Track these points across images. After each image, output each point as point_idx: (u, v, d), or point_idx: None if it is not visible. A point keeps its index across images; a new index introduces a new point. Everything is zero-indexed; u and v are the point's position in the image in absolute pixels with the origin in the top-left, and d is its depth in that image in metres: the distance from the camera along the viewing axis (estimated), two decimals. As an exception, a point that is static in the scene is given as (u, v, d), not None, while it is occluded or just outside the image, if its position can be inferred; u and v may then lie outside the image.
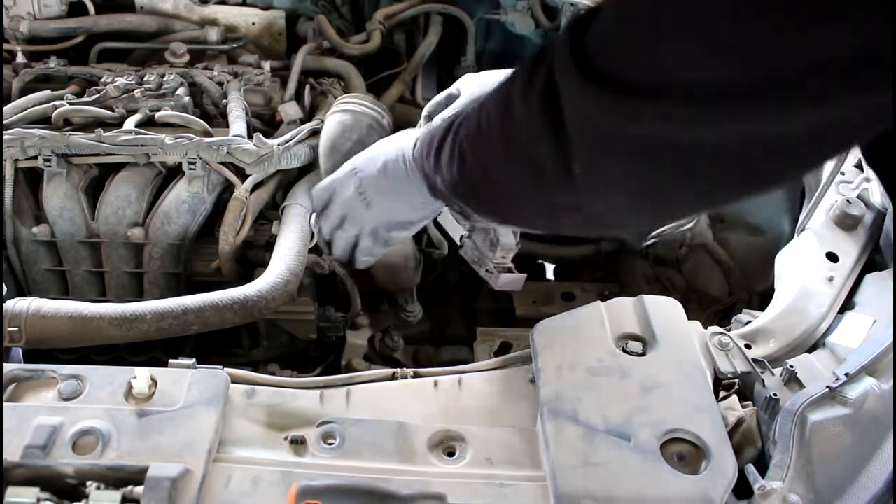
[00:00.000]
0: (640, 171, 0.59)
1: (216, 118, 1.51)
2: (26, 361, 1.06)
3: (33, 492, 0.81)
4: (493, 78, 1.05)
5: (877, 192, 1.31)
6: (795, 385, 1.01)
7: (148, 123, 1.39)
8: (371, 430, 0.92)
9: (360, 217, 1.03)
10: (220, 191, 1.38)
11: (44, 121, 1.39)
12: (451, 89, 1.09)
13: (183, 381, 0.94)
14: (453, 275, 1.72)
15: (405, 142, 0.97)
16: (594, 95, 0.56)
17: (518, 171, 0.71)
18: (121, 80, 1.46)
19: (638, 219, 0.71)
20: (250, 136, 1.35)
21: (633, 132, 0.55)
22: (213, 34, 1.72)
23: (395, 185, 0.97)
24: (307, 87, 1.58)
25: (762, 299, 1.32)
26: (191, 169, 1.32)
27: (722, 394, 1.02)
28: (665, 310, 1.05)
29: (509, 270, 1.12)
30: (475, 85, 1.07)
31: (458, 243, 1.16)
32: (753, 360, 1.03)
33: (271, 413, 0.96)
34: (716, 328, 1.08)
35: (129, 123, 1.35)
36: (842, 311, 1.14)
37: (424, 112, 1.15)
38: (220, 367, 0.99)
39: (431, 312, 1.59)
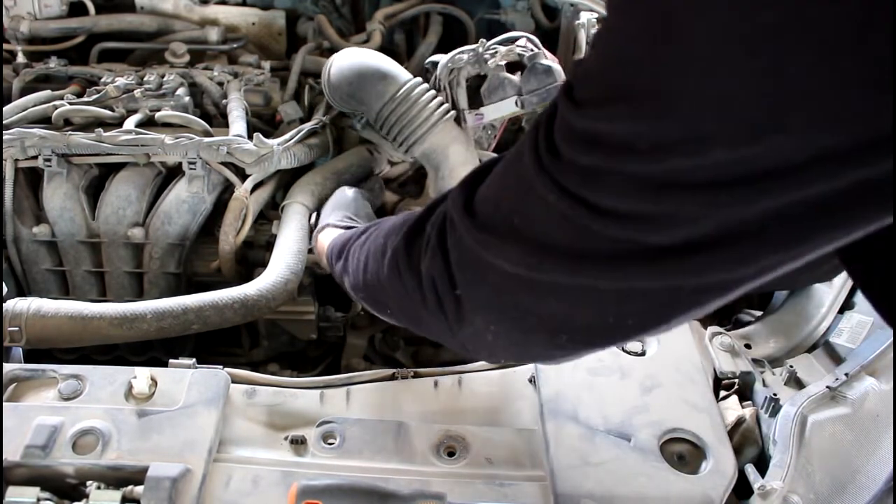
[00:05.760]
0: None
1: (216, 118, 1.51)
2: (27, 361, 1.06)
3: (34, 491, 0.81)
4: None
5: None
6: (795, 385, 1.01)
7: (148, 123, 1.40)
8: (371, 430, 0.92)
9: None
10: (220, 191, 1.38)
11: (44, 121, 1.39)
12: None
13: (183, 381, 0.94)
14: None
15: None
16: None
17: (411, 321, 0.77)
18: (121, 80, 1.47)
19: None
20: (250, 136, 1.35)
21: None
22: (213, 34, 1.72)
23: None
24: (307, 87, 1.59)
25: (762, 299, 1.32)
26: (191, 169, 1.32)
27: (722, 394, 1.02)
28: (665, 310, 1.05)
29: None
30: None
31: (518, 105, 1.34)
32: (753, 360, 1.04)
33: (271, 413, 0.96)
34: (716, 328, 1.08)
35: (129, 123, 1.36)
36: (842, 311, 1.14)
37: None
38: (221, 367, 0.99)
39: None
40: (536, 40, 1.40)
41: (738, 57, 0.40)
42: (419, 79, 1.41)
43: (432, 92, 1.39)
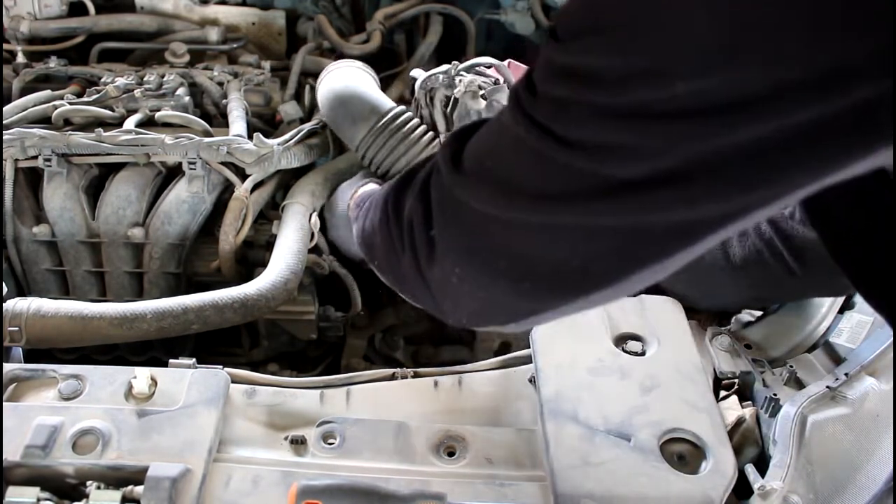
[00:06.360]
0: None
1: (216, 118, 1.51)
2: (27, 361, 1.06)
3: (34, 491, 0.81)
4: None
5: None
6: (795, 385, 1.01)
7: (148, 123, 1.40)
8: (371, 430, 0.92)
9: None
10: (220, 191, 1.38)
11: (44, 121, 1.39)
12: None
13: (183, 380, 0.94)
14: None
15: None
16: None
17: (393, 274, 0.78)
18: (121, 80, 1.47)
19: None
20: (250, 136, 1.35)
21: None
22: (213, 34, 1.72)
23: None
24: (307, 87, 1.59)
25: (762, 299, 1.32)
26: (191, 169, 1.32)
27: (722, 394, 1.02)
28: (665, 309, 1.05)
29: None
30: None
31: None
32: (753, 360, 1.03)
33: (271, 413, 0.96)
34: (716, 328, 1.08)
35: (130, 123, 1.36)
36: (842, 310, 1.14)
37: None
38: (221, 366, 0.99)
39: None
40: (504, 67, 1.35)
41: None
42: (400, 108, 1.37)
43: (412, 123, 1.36)
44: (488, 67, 1.36)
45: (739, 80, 0.42)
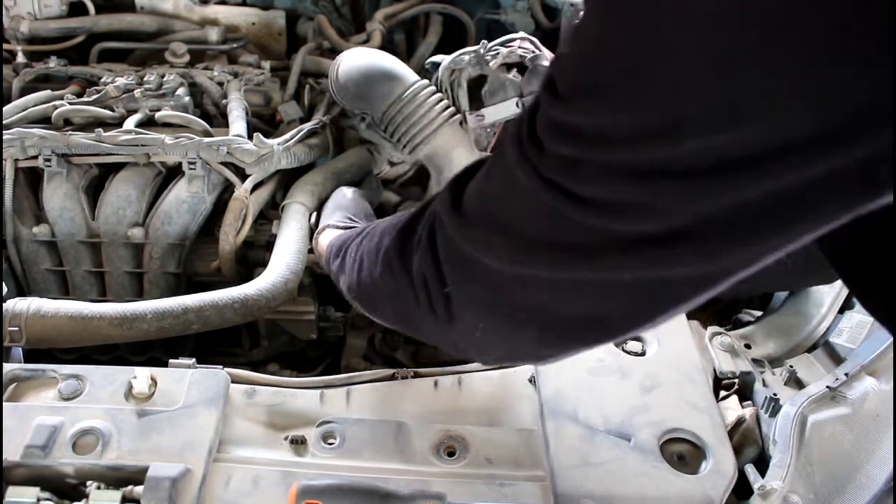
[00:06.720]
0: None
1: (216, 118, 1.51)
2: (26, 361, 1.06)
3: (34, 491, 0.81)
4: None
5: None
6: (795, 385, 1.01)
7: (148, 123, 1.40)
8: (371, 430, 0.92)
9: None
10: (220, 191, 1.38)
11: (44, 121, 1.39)
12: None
13: (183, 380, 0.94)
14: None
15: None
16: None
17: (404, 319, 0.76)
18: (121, 80, 1.46)
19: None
20: (250, 136, 1.35)
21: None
22: (213, 34, 1.72)
23: None
24: (307, 86, 1.59)
25: (762, 299, 1.32)
26: (191, 169, 1.32)
27: (722, 394, 1.02)
28: (665, 310, 1.05)
29: None
30: None
31: (520, 107, 1.36)
32: (753, 360, 1.04)
33: (271, 413, 0.96)
34: (716, 328, 1.08)
35: (129, 123, 1.36)
36: (842, 311, 1.14)
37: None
38: (221, 366, 0.99)
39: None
40: (537, 41, 1.41)
41: (706, 48, 0.41)
42: (426, 80, 1.42)
43: (439, 94, 1.41)
44: (518, 41, 1.40)
45: (750, 136, 0.42)
